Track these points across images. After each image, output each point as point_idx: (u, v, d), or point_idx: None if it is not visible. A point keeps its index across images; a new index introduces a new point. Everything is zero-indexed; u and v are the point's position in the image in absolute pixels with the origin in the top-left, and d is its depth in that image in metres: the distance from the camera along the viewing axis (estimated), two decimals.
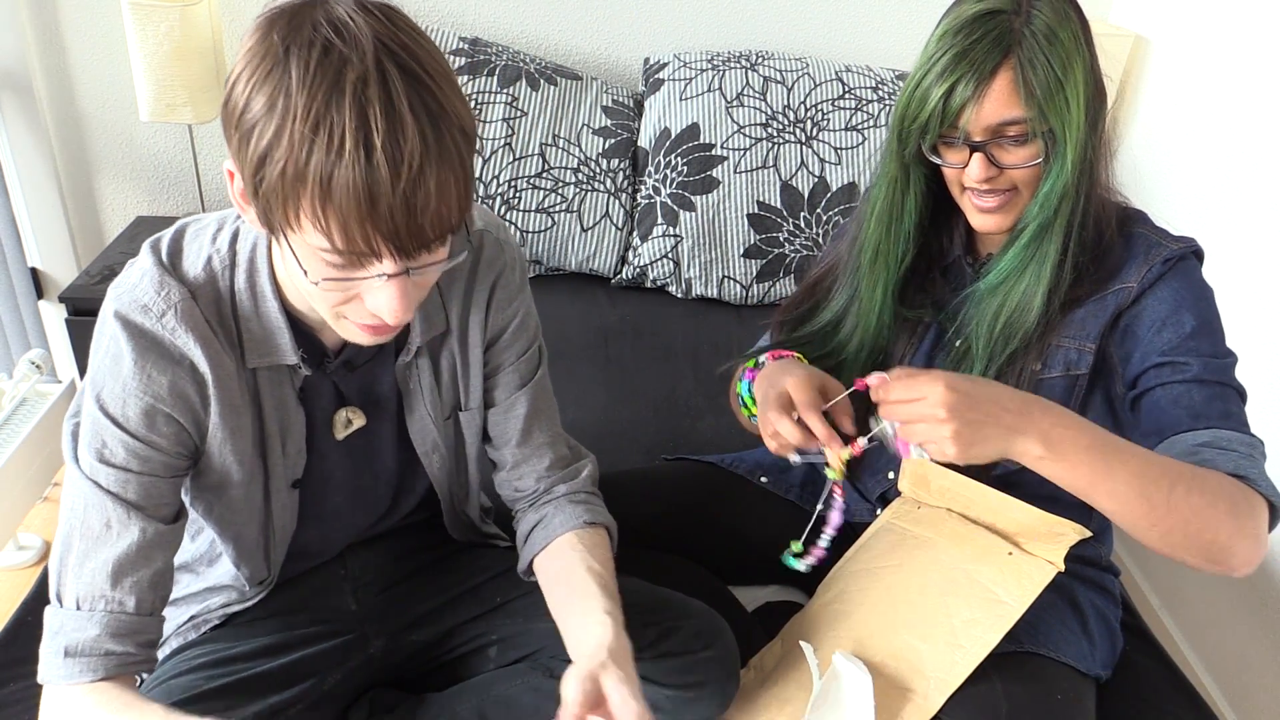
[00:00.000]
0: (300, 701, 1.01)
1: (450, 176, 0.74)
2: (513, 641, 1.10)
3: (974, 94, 1.00)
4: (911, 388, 0.93)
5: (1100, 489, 0.94)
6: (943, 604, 1.05)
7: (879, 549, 1.17)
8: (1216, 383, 1.02)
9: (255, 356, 0.91)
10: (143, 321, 0.85)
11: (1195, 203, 1.93)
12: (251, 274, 0.89)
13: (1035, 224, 1.06)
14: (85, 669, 0.86)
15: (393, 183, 0.70)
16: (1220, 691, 1.81)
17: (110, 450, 0.86)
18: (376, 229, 0.72)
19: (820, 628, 1.12)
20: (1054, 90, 1.00)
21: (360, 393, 1.00)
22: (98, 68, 2.18)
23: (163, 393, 0.86)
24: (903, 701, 1.01)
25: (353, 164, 0.69)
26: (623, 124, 2.12)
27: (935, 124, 1.03)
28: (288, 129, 0.70)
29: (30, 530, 1.96)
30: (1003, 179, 1.05)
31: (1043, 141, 1.02)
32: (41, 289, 2.29)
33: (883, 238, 1.16)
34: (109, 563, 0.87)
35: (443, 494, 1.11)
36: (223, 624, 1.07)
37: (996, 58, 0.99)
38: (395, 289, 0.77)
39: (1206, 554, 0.95)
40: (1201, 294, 1.07)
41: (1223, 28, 1.89)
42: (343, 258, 0.75)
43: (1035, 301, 1.07)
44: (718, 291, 2.09)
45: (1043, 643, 1.08)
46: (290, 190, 0.72)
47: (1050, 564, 1.02)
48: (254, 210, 0.78)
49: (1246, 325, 1.76)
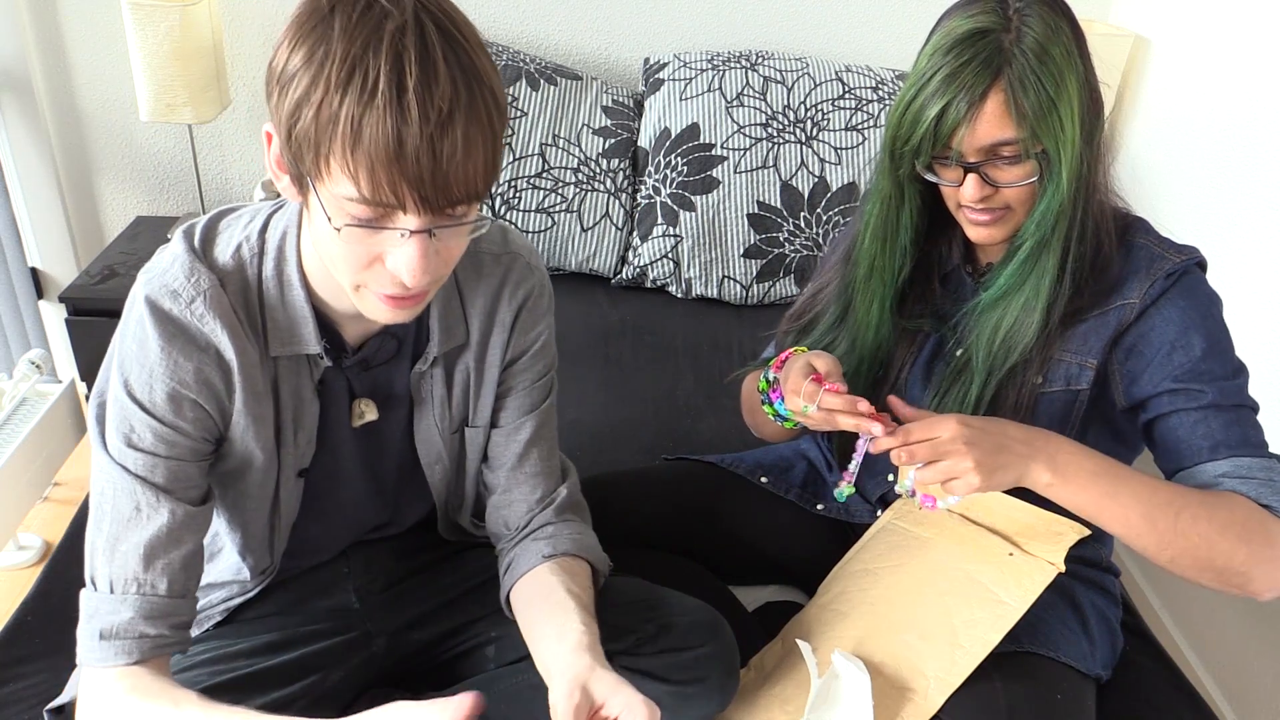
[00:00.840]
0: (302, 699, 1.01)
1: (479, 134, 0.75)
2: (513, 640, 1.10)
3: (966, 116, 0.98)
4: (929, 428, 0.95)
5: (1107, 513, 0.97)
6: (943, 604, 1.05)
7: (879, 549, 1.17)
8: (1232, 406, 1.02)
9: (278, 345, 0.91)
10: (171, 307, 0.86)
11: (1195, 203, 1.93)
12: (280, 262, 0.90)
13: (1032, 241, 1.05)
14: (120, 652, 0.87)
15: (421, 126, 0.71)
16: (1220, 691, 1.81)
17: (138, 435, 0.87)
18: (403, 175, 0.73)
19: (820, 628, 1.13)
20: (1046, 110, 0.98)
21: (373, 392, 1.00)
22: (98, 68, 2.18)
23: (188, 379, 0.87)
24: (903, 701, 1.01)
25: (384, 106, 0.71)
26: (623, 124, 2.12)
27: (928, 145, 1.02)
28: (324, 74, 0.72)
29: (30, 530, 1.96)
30: (998, 198, 1.04)
31: (1037, 161, 1.01)
32: (41, 289, 2.30)
33: (878, 253, 1.15)
34: (140, 546, 0.88)
35: (440, 502, 1.12)
36: (225, 621, 1.07)
37: (987, 79, 0.98)
38: (416, 247, 0.77)
39: (1221, 578, 0.97)
40: (1208, 310, 1.05)
41: (1223, 28, 1.89)
42: (368, 207, 0.75)
43: (1034, 316, 1.06)
44: (718, 291, 2.09)
45: (1043, 643, 1.08)
46: (322, 133, 0.73)
47: (1051, 565, 1.02)
48: (286, 172, 0.80)
49: (1247, 326, 1.76)
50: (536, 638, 0.94)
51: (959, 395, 1.12)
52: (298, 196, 0.82)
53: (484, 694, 1.06)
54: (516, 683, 1.06)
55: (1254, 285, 1.75)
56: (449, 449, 1.06)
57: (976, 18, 0.99)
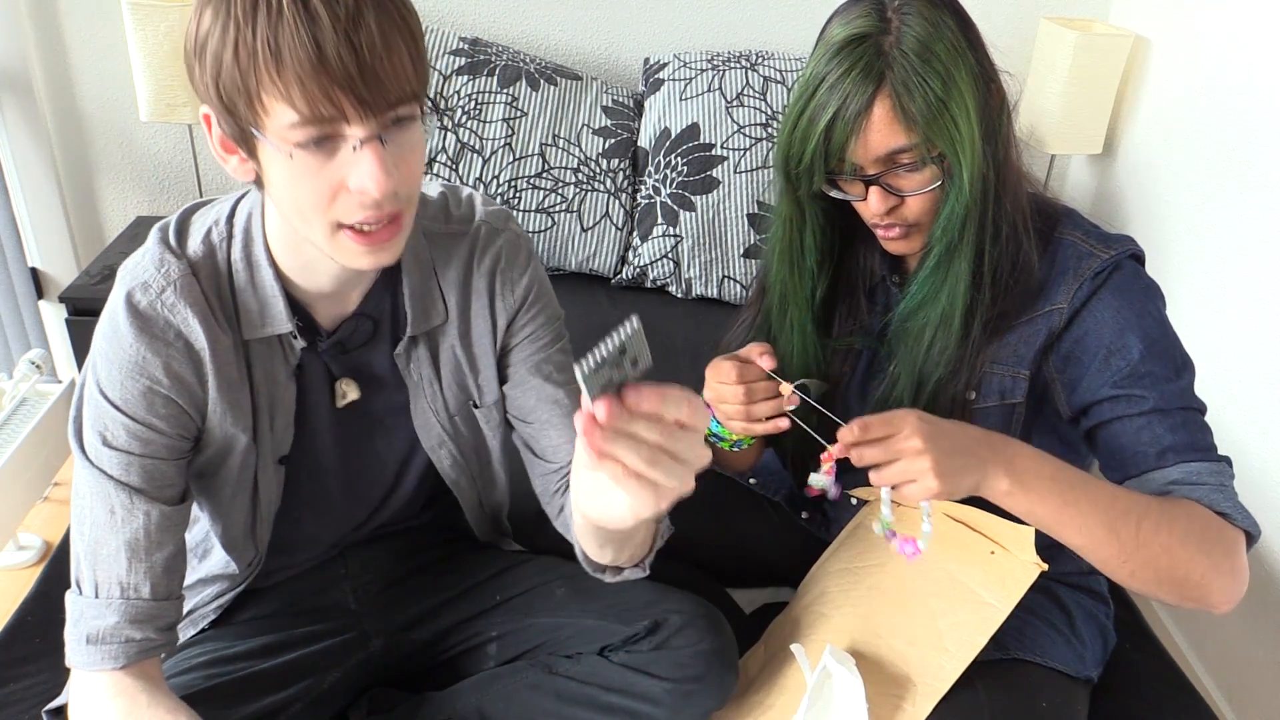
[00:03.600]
0: (299, 700, 1.01)
1: (393, 27, 0.75)
2: (512, 638, 1.10)
3: (854, 127, 0.93)
4: (886, 422, 0.90)
5: (1068, 523, 0.92)
6: (927, 607, 1.04)
7: (859, 547, 1.15)
8: (1177, 409, 0.97)
9: (250, 328, 0.92)
10: (141, 299, 0.87)
11: (1195, 203, 1.93)
12: (247, 244, 0.90)
13: (940, 247, 0.99)
14: (107, 656, 0.87)
15: (334, 25, 0.72)
16: (1220, 691, 1.81)
17: (112, 433, 0.87)
18: (332, 81, 0.73)
19: (803, 630, 1.11)
20: (937, 112, 0.93)
21: (354, 374, 1.00)
22: (98, 68, 2.18)
23: (158, 374, 0.87)
24: (889, 709, 1.00)
25: (294, 18, 0.72)
26: (623, 124, 2.12)
27: (820, 162, 0.97)
28: (231, 16, 0.74)
29: (30, 530, 1.96)
30: (904, 209, 0.99)
31: (935, 165, 0.96)
32: (41, 289, 2.29)
33: (788, 277, 1.09)
34: (120, 550, 0.88)
35: (461, 492, 1.10)
36: (222, 622, 1.07)
37: (870, 87, 0.92)
38: (372, 155, 0.77)
39: (1180, 591, 0.93)
40: (1144, 307, 0.99)
41: (1223, 28, 1.89)
42: (312, 126, 0.75)
43: (954, 325, 1.01)
44: (718, 291, 2.09)
45: (1029, 648, 1.06)
46: (246, 72, 0.74)
47: (1035, 564, 1.00)
48: (232, 149, 0.81)
49: (1247, 325, 1.76)
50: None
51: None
52: (249, 170, 0.82)
53: (483, 693, 1.07)
54: (516, 682, 1.06)
55: (1253, 285, 1.75)
56: (454, 433, 1.05)
57: (854, 23, 0.94)
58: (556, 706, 1.03)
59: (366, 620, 1.11)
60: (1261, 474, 1.71)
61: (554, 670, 1.05)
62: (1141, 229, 2.07)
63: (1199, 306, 1.88)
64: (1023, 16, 2.27)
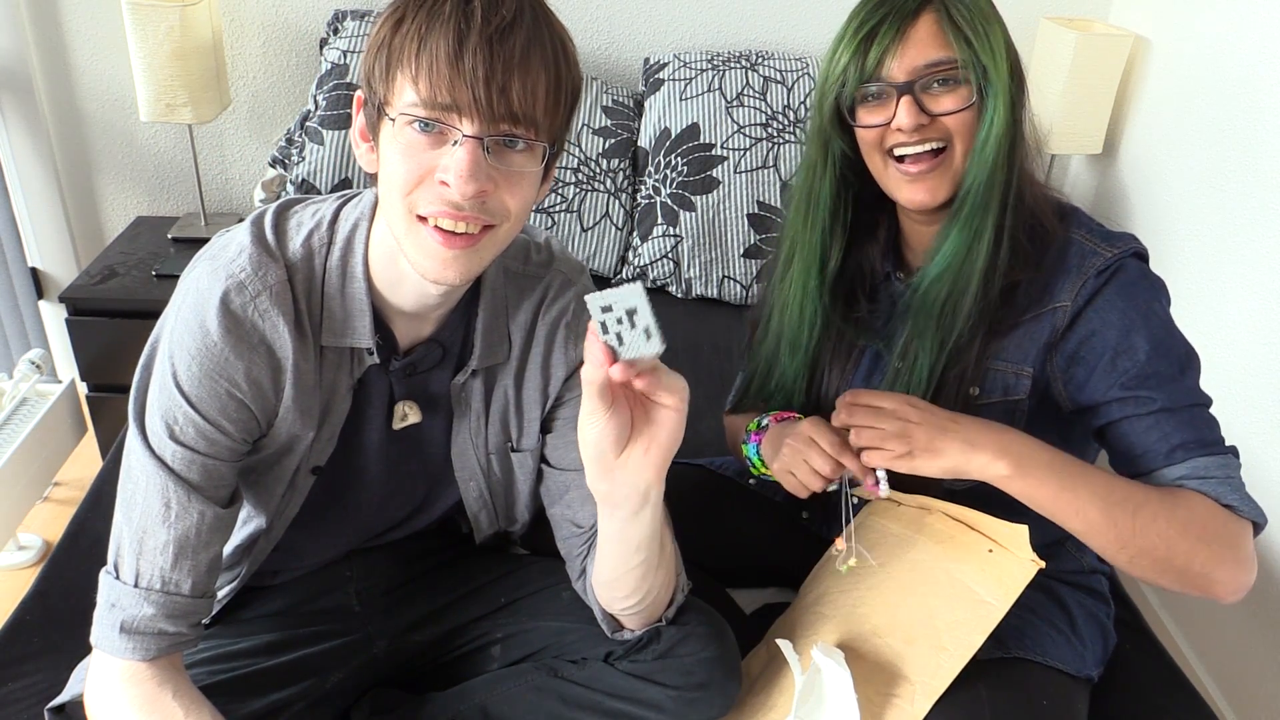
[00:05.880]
0: (301, 699, 1.01)
1: (538, 53, 0.79)
2: (516, 640, 1.10)
3: (895, 37, 0.96)
4: (876, 396, 0.97)
5: (1065, 507, 0.94)
6: (926, 606, 1.04)
7: (859, 547, 1.16)
8: (1185, 407, 0.98)
9: (330, 336, 0.91)
10: (235, 301, 0.86)
11: (1195, 203, 1.93)
12: (346, 253, 0.91)
13: (979, 185, 0.99)
14: (139, 648, 0.87)
15: (482, 30, 0.77)
16: (1220, 691, 1.81)
17: (181, 428, 0.87)
18: (459, 75, 0.77)
19: (804, 631, 1.11)
20: (983, 29, 0.96)
21: (413, 396, 1.00)
22: (98, 68, 2.18)
23: (239, 379, 0.87)
24: (888, 707, 0.99)
25: (450, 14, 0.77)
26: (623, 124, 2.12)
27: (855, 74, 0.98)
28: (401, 12, 0.80)
29: (30, 530, 1.96)
30: (934, 129, 0.99)
31: (975, 83, 0.97)
32: (41, 289, 2.30)
33: (800, 227, 1.11)
34: (169, 545, 0.87)
35: (479, 525, 1.11)
36: (226, 619, 1.07)
37: (917, 2, 0.97)
38: (467, 152, 0.78)
39: (1182, 579, 0.94)
40: (1149, 306, 1.00)
41: (1223, 28, 1.89)
42: (426, 109, 0.78)
43: (973, 284, 1.01)
44: (718, 291, 2.09)
45: (1029, 647, 1.07)
46: (395, 50, 0.79)
47: (1033, 561, 1.00)
48: (367, 137, 0.86)
49: (1246, 325, 1.76)
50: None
51: None
52: (375, 160, 0.85)
53: (488, 694, 1.07)
54: (521, 684, 1.06)
55: (1253, 285, 1.75)
56: (486, 470, 1.05)
57: None
58: (561, 710, 1.03)
59: (370, 623, 1.11)
60: (1262, 473, 1.71)
61: (559, 674, 1.05)
62: (1141, 229, 2.07)
63: (1199, 306, 1.88)
64: (1023, 16, 2.27)
